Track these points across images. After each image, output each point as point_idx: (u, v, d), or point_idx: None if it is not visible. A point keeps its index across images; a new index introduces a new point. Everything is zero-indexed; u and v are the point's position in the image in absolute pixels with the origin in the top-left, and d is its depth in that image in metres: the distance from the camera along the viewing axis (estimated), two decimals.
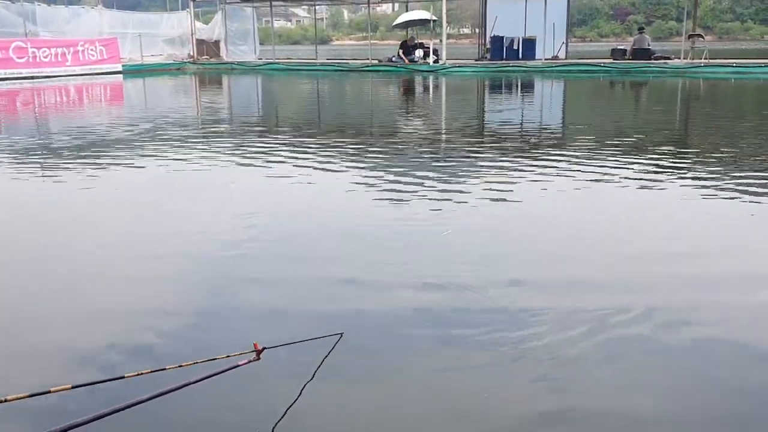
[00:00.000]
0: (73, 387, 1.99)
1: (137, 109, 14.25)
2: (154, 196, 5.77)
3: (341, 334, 2.88)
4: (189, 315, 3.23)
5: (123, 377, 2.12)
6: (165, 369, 2.21)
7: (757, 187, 5.67)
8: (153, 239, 4.44)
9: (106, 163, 7.23)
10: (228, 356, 2.33)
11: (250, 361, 2.37)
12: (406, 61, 24.59)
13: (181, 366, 2.24)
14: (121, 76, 23.59)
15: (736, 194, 5.44)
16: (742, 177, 6.07)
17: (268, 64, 27.68)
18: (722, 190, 5.59)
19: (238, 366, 2.34)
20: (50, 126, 11.15)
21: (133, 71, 24.80)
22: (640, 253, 4.04)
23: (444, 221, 4.69)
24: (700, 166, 6.67)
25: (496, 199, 5.36)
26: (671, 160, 7.00)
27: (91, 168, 6.94)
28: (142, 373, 2.15)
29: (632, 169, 6.47)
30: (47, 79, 21.42)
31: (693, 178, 6.05)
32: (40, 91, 18.04)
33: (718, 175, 6.15)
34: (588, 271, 3.74)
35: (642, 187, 5.70)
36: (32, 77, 21.43)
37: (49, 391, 1.94)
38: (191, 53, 28.63)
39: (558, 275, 3.65)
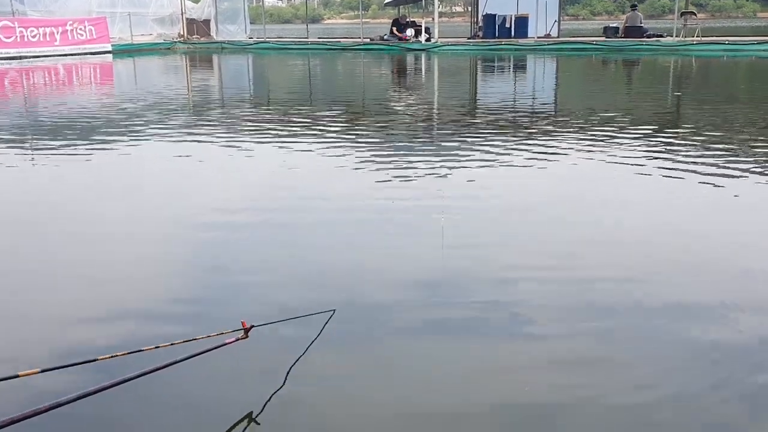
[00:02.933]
0: (42, 371, 1.88)
1: (127, 89, 14.13)
2: (143, 176, 5.73)
3: (333, 310, 2.87)
4: (175, 295, 3.22)
5: (96, 360, 2.01)
6: (141, 350, 2.12)
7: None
8: (140, 219, 4.41)
9: (95, 144, 7.17)
10: (209, 336, 2.29)
11: (238, 339, 2.36)
12: (401, 36, 24.37)
13: (157, 347, 2.17)
14: (110, 55, 23.36)
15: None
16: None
17: (258, 43, 27.45)
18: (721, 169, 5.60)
19: (226, 344, 2.33)
20: (37, 107, 11.04)
21: (123, 51, 24.55)
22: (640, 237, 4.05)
23: (439, 201, 4.67)
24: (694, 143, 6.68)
25: (494, 179, 5.34)
26: (666, 140, 7.00)
27: (78, 149, 6.88)
28: (116, 356, 2.06)
29: (631, 149, 6.47)
30: (36, 59, 21.19)
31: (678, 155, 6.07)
32: (29, 71, 17.85)
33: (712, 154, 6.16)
34: (589, 253, 3.75)
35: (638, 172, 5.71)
36: (20, 57, 21.20)
37: (17, 376, 1.85)
38: (181, 32, 28.36)
39: (556, 259, 3.64)
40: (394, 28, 24.98)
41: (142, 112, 9.56)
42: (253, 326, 2.38)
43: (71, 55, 22.51)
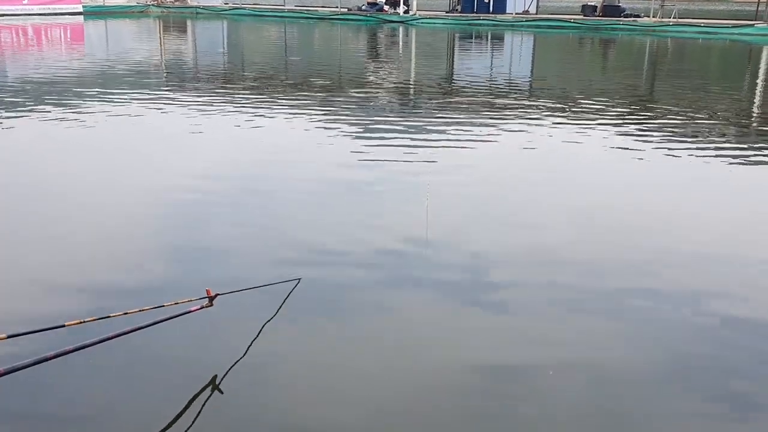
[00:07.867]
0: (8, 336, 1.83)
1: (98, 54, 13.82)
2: (112, 142, 5.62)
3: (299, 279, 2.86)
4: (142, 263, 3.18)
5: (63, 326, 1.97)
6: (109, 317, 2.09)
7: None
8: (108, 187, 4.34)
9: (68, 108, 7.01)
10: (177, 303, 2.26)
11: (202, 307, 2.33)
12: (376, 2, 23.88)
13: (126, 314, 2.14)
14: (81, 17, 22.79)
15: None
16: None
17: (234, 9, 26.98)
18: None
19: (190, 312, 2.30)
20: (4, 68, 10.76)
21: (94, 13, 23.96)
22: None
23: (414, 175, 4.65)
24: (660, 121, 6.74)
25: (469, 152, 5.34)
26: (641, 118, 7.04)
27: (50, 113, 6.73)
28: (84, 322, 2.04)
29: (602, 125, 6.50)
30: (2, 18, 20.58)
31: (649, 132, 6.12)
32: None
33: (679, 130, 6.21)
34: (553, 225, 3.76)
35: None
36: None
37: None
38: None
39: (528, 231, 3.66)
40: None
41: (112, 77, 9.37)
42: (218, 294, 2.36)
43: (40, 15, 21.90)
